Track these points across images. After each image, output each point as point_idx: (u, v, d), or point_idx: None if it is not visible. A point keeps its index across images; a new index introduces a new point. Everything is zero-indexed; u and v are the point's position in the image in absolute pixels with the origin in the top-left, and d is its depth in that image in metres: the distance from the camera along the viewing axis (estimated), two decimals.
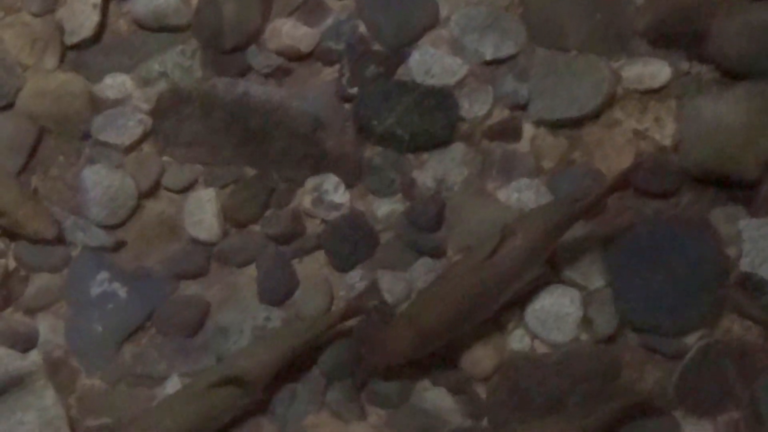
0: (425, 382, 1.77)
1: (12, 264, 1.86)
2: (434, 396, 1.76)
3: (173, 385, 1.78)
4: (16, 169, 1.90)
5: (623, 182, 1.78)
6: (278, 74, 1.96)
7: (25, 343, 1.81)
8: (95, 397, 1.78)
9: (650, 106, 1.92)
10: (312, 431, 1.75)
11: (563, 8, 1.96)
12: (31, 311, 1.84)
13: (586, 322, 1.78)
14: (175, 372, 1.79)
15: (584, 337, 1.78)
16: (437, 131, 1.90)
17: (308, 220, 1.88)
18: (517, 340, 1.79)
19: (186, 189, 1.90)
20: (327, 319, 1.78)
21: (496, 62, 1.94)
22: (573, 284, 1.81)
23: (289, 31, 1.97)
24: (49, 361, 1.80)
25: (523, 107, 1.92)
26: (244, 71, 1.96)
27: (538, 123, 1.92)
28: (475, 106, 1.92)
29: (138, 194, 1.89)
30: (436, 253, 1.85)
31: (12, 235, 1.86)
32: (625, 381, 1.76)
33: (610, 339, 1.78)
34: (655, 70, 1.92)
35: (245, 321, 1.81)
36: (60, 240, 1.85)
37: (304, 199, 1.88)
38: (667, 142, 1.89)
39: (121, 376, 1.80)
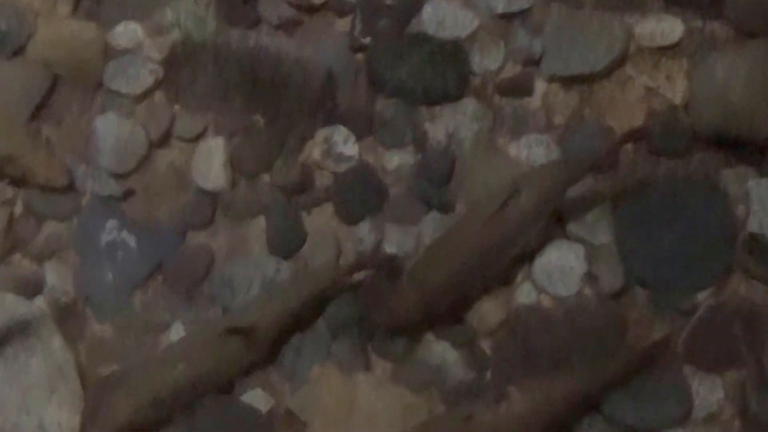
0: (429, 336, 1.75)
1: (20, 210, 1.84)
2: (438, 350, 1.74)
3: (177, 333, 1.76)
4: (28, 117, 1.88)
5: (628, 141, 1.77)
6: (290, 25, 1.92)
7: (32, 289, 1.79)
8: (104, 344, 1.77)
9: (662, 64, 1.88)
10: (318, 383, 1.72)
11: None
12: (39, 258, 1.82)
13: (591, 277, 1.76)
14: (181, 321, 1.77)
15: (589, 291, 1.76)
16: (449, 85, 1.86)
17: (318, 172, 1.86)
18: (525, 294, 1.77)
19: (196, 138, 1.87)
20: (335, 273, 1.76)
21: (509, 16, 1.90)
22: (578, 239, 1.78)
23: None
24: (57, 307, 1.78)
25: (536, 62, 1.88)
26: (257, 22, 1.92)
27: (551, 79, 1.88)
28: (486, 60, 1.89)
29: (148, 143, 1.86)
30: (446, 207, 1.82)
31: (22, 183, 1.84)
32: (631, 337, 1.73)
33: (617, 294, 1.75)
34: (668, 27, 1.87)
35: (253, 273, 1.79)
36: (70, 188, 1.83)
37: (314, 150, 1.85)
38: (678, 100, 1.85)
39: (130, 323, 1.78)
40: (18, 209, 1.84)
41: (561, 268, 1.76)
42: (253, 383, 1.73)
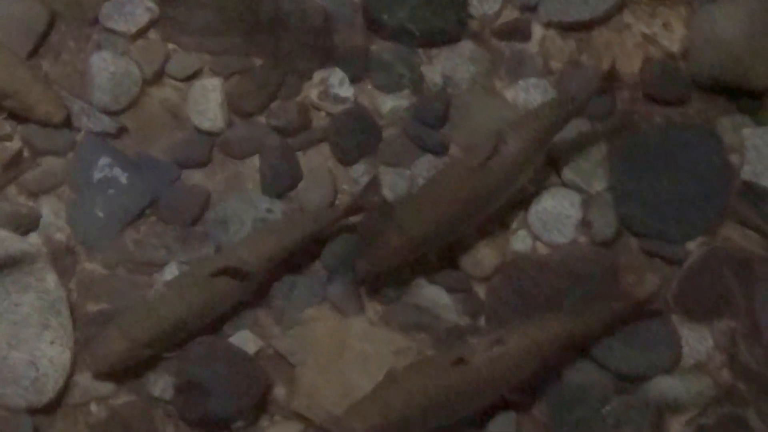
0: (422, 281, 1.72)
1: (18, 146, 1.78)
2: (431, 294, 1.71)
3: (171, 272, 1.72)
4: (27, 53, 1.82)
5: (608, 81, 1.73)
6: None
7: (27, 225, 1.74)
8: (95, 281, 1.72)
9: (660, 12, 1.85)
10: (310, 323, 1.69)
11: None
12: (34, 194, 1.77)
13: (585, 224, 1.74)
14: (174, 260, 1.73)
15: (583, 239, 1.73)
16: (447, 28, 1.83)
17: (314, 113, 1.82)
18: (520, 241, 1.74)
19: (191, 77, 1.82)
20: (329, 214, 1.72)
21: None
22: (574, 187, 1.76)
23: None
24: (51, 244, 1.73)
25: (533, 8, 1.86)
26: None
27: (548, 24, 1.84)
28: (485, 5, 1.85)
29: (142, 81, 1.81)
30: (440, 149, 1.79)
31: (21, 118, 1.79)
32: (623, 284, 1.71)
33: (609, 242, 1.73)
34: None
35: (247, 212, 1.75)
36: (67, 124, 1.79)
37: (311, 91, 1.82)
38: (675, 48, 1.82)
39: (121, 261, 1.73)
40: (16, 144, 1.78)
41: (556, 216, 1.74)
42: (241, 324, 1.70)
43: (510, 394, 1.62)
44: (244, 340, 1.69)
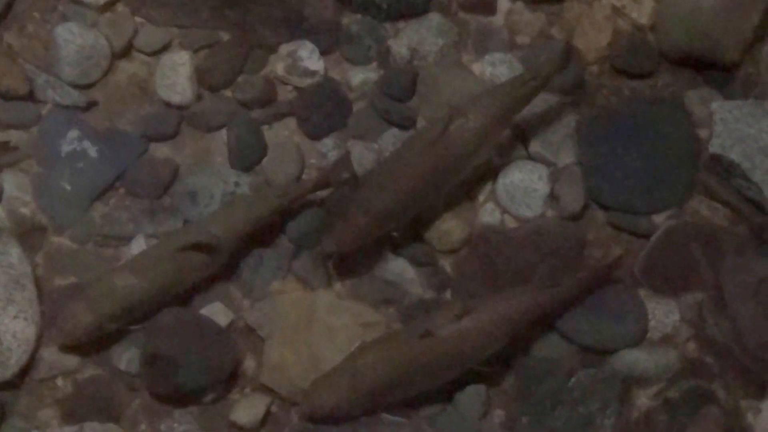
0: (389, 254, 1.69)
1: None
2: (397, 267, 1.69)
3: (139, 245, 1.69)
4: None
5: (568, 56, 1.69)
6: None
7: None
8: (62, 255, 1.69)
9: None
10: (278, 297, 1.66)
11: None
12: None
13: (553, 198, 1.71)
14: (142, 233, 1.70)
15: (550, 212, 1.71)
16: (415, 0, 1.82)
17: (281, 86, 1.79)
18: (488, 214, 1.72)
19: (159, 51, 1.79)
20: (297, 188, 1.69)
21: None
22: (542, 160, 1.74)
23: None
24: (14, 218, 1.69)
25: None
26: None
27: None
28: None
29: (111, 54, 1.78)
30: (406, 123, 1.76)
31: None
32: (590, 258, 1.69)
33: (577, 216, 1.71)
34: None
35: (215, 185, 1.72)
36: (31, 97, 1.75)
37: (278, 65, 1.78)
38: (644, 20, 1.80)
39: (89, 235, 1.70)
40: None
41: (524, 189, 1.71)
42: (213, 296, 1.67)
43: (478, 369, 1.59)
44: (216, 312, 1.66)
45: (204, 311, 1.65)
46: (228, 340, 1.63)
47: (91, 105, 1.76)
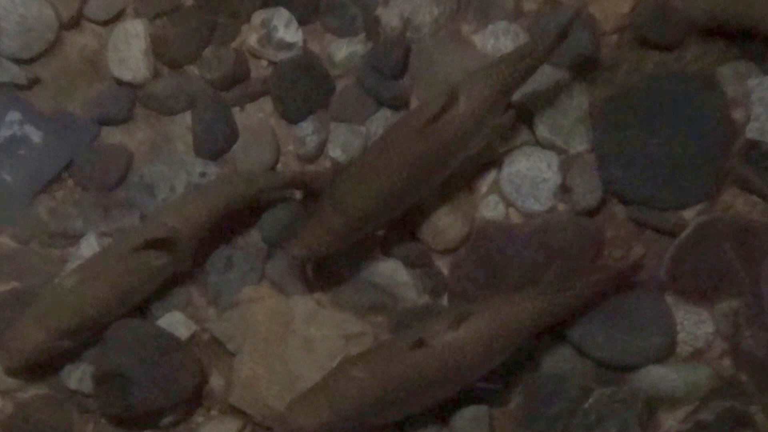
0: (377, 254, 1.64)
1: None
2: (387, 269, 1.63)
3: (89, 244, 1.65)
4: None
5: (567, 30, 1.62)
6: None
7: None
8: (3, 257, 1.65)
9: None
10: (248, 304, 1.60)
11: None
12: None
13: (565, 190, 1.66)
14: (93, 230, 1.65)
15: (562, 207, 1.66)
16: None
17: (254, 61, 1.74)
18: (490, 208, 1.66)
19: (112, 20, 1.74)
20: (271, 177, 1.65)
21: None
22: (551, 146, 1.67)
23: None
24: None
25: None
26: None
27: None
28: None
29: (58, 25, 1.72)
30: (398, 103, 1.71)
31: None
32: (608, 259, 1.62)
33: (593, 210, 1.65)
34: None
35: (176, 176, 1.67)
36: None
37: (250, 36, 1.73)
38: None
39: (33, 233, 1.66)
40: None
41: (531, 180, 1.66)
42: (172, 304, 1.63)
43: (479, 386, 1.55)
44: (175, 322, 1.62)
45: (162, 322, 1.61)
46: (190, 355, 1.58)
47: (33, 83, 1.72)
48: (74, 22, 1.74)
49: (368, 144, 1.70)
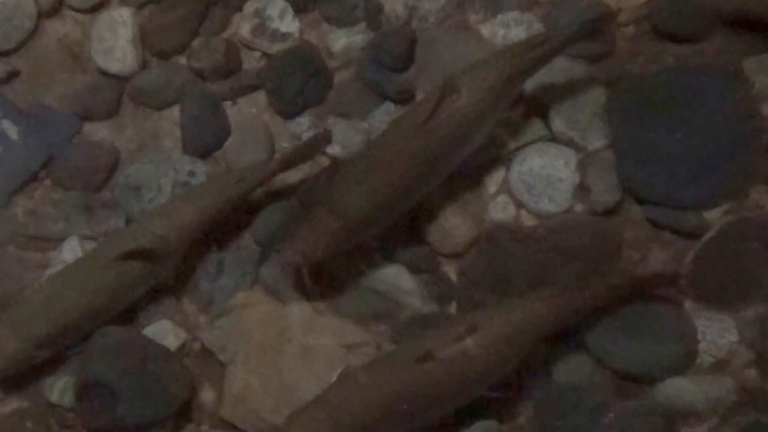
0: (379, 258, 1.60)
1: None
2: (390, 274, 1.59)
3: (71, 249, 1.61)
4: None
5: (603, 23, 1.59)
6: None
7: None
8: None
9: None
10: (242, 312, 1.57)
11: None
12: None
13: (582, 189, 1.61)
14: (75, 233, 1.62)
15: (579, 207, 1.61)
16: None
17: (246, 53, 1.71)
18: (500, 209, 1.62)
19: (96, 8, 1.71)
20: (261, 171, 1.59)
21: None
22: (568, 142, 1.63)
23: None
24: None
25: None
26: None
27: None
28: None
29: (37, 13, 1.70)
30: (402, 97, 1.67)
31: None
32: (626, 262, 1.58)
33: (611, 211, 1.61)
34: None
35: (164, 175, 1.63)
36: None
37: (243, 26, 1.71)
38: None
39: (10, 236, 1.63)
40: None
41: (546, 178, 1.62)
42: (160, 312, 1.59)
43: (488, 395, 1.50)
44: (163, 332, 1.58)
45: (149, 331, 1.58)
46: (179, 365, 1.55)
47: (11, 75, 1.70)
48: (55, 10, 1.72)
49: (369, 141, 1.67)
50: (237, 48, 1.71)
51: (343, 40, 1.71)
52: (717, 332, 1.56)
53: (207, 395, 1.57)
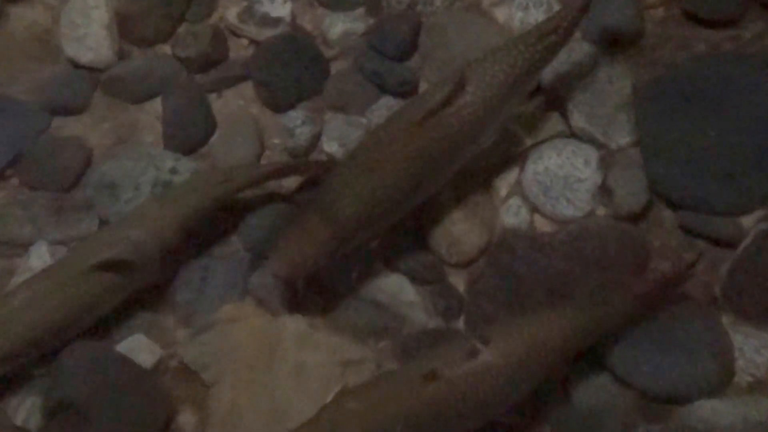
0: (380, 267, 1.55)
1: None
2: (392, 285, 1.53)
3: (39, 255, 1.56)
4: None
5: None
6: None
7: None
8: None
9: None
10: (229, 326, 1.51)
11: None
12: None
13: (604, 191, 1.55)
14: (44, 238, 1.57)
15: (601, 211, 1.56)
16: None
17: (234, 40, 1.69)
18: (512, 213, 1.56)
19: None
20: (250, 171, 1.55)
21: None
22: (588, 138, 1.58)
23: None
24: None
25: None
26: None
27: None
28: None
29: None
30: (404, 89, 1.63)
31: None
32: (653, 272, 1.51)
33: (637, 216, 1.55)
34: None
35: (143, 173, 1.58)
36: None
37: (230, 11, 1.69)
38: None
39: None
40: None
41: (564, 179, 1.56)
42: (134, 327, 1.52)
43: (501, 420, 1.45)
44: (138, 347, 1.52)
45: (123, 346, 1.51)
46: (156, 385, 1.50)
47: None
48: None
49: (362, 139, 1.62)
50: (223, 34, 1.69)
51: (340, 26, 1.68)
52: (755, 349, 1.50)
53: (187, 419, 1.50)
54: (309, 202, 1.50)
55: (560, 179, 1.56)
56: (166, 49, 1.68)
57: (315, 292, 1.55)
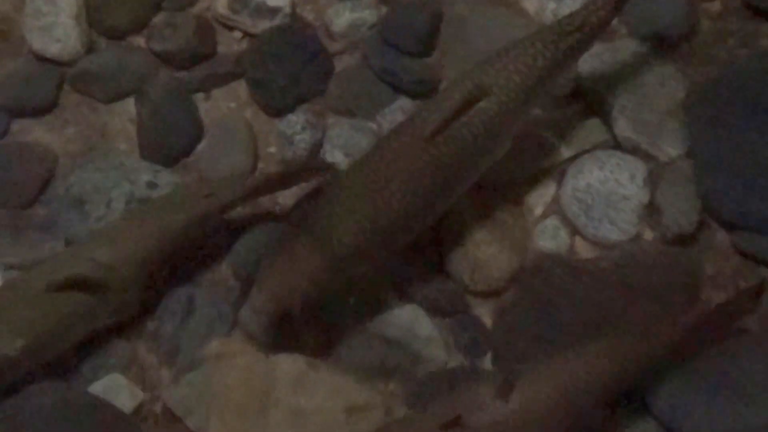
0: (391, 296, 1.48)
1: None
2: (405, 317, 1.46)
3: None
4: None
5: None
6: None
7: None
8: None
9: None
10: (216, 365, 1.43)
11: None
12: None
13: (652, 210, 1.48)
14: (0, 261, 1.51)
15: (649, 234, 1.49)
16: None
17: (223, 32, 1.61)
18: (548, 236, 1.49)
19: None
20: (238, 186, 1.47)
21: None
22: (635, 150, 1.51)
23: None
24: None
25: None
26: None
27: None
28: None
29: None
30: (422, 89, 1.55)
31: None
32: (706, 301, 1.45)
33: (688, 238, 1.48)
34: None
35: (115, 187, 1.49)
36: None
37: None
38: None
39: None
40: None
41: (607, 197, 1.48)
42: (109, 365, 1.45)
43: None
44: (115, 388, 1.44)
45: (97, 387, 1.44)
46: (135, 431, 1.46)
47: None
48: None
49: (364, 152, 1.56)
50: (210, 26, 1.62)
51: (347, 16, 1.61)
52: None
53: None
54: (300, 223, 1.43)
55: (603, 197, 1.51)
56: (140, 41, 1.62)
57: (314, 326, 1.49)
